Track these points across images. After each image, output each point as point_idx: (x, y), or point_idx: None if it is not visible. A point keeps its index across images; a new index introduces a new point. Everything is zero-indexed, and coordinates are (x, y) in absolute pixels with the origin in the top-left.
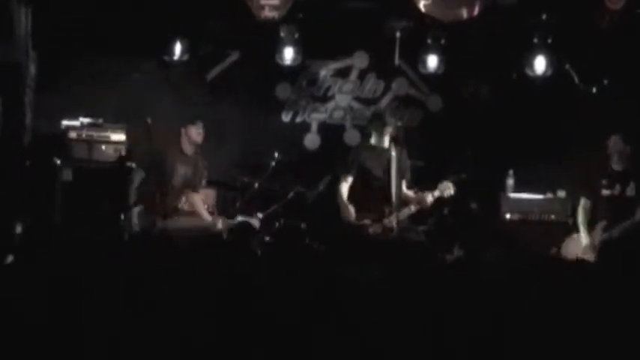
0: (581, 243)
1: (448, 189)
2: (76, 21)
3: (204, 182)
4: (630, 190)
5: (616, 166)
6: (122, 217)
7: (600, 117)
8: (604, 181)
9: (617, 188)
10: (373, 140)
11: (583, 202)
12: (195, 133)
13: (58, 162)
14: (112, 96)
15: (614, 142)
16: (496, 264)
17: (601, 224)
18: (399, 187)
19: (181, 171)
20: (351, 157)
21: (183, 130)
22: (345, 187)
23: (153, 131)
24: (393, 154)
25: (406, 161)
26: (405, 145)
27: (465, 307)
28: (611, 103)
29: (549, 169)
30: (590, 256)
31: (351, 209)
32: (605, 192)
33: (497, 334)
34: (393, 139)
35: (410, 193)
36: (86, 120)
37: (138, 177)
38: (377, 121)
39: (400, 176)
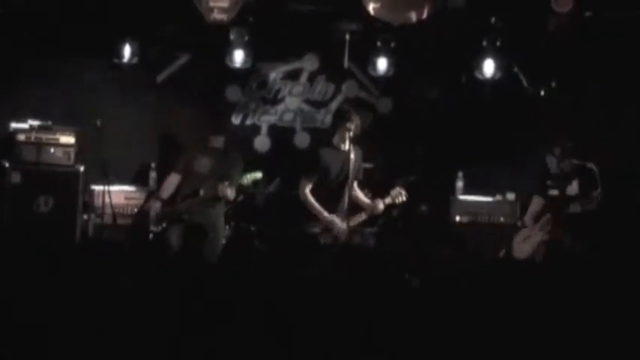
0: (524, 232)
1: (400, 195)
2: (25, 22)
3: None
4: (572, 190)
5: (561, 165)
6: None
7: (549, 120)
8: (549, 182)
9: (561, 188)
10: (335, 140)
11: (536, 200)
12: None
13: (7, 164)
14: (61, 98)
15: (559, 151)
16: (447, 265)
17: (545, 219)
18: (352, 189)
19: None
20: (314, 158)
21: None
22: (308, 190)
23: (102, 134)
24: (352, 156)
25: (361, 162)
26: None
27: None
28: (560, 105)
29: (498, 171)
30: (533, 250)
31: (321, 208)
32: (551, 192)
33: (444, 333)
34: (353, 140)
35: (362, 196)
36: (35, 122)
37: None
38: (341, 120)
39: (354, 177)
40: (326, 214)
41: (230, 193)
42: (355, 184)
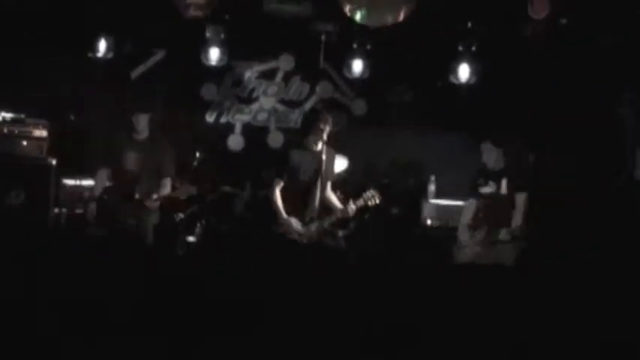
0: (460, 240)
1: (372, 198)
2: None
3: None
4: (503, 188)
5: (488, 164)
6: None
7: (520, 128)
8: (480, 180)
9: (493, 186)
10: (307, 141)
11: (469, 202)
12: None
13: None
14: (34, 92)
15: (486, 149)
16: (417, 268)
17: (483, 230)
18: (324, 191)
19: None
20: (285, 158)
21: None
22: (277, 190)
23: (75, 128)
24: (324, 157)
25: (334, 164)
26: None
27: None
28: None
29: (470, 175)
30: (470, 254)
31: (281, 209)
32: (483, 190)
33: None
34: (326, 142)
35: (334, 199)
36: (8, 115)
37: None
38: (314, 121)
39: (327, 179)
40: (284, 215)
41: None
42: (329, 186)
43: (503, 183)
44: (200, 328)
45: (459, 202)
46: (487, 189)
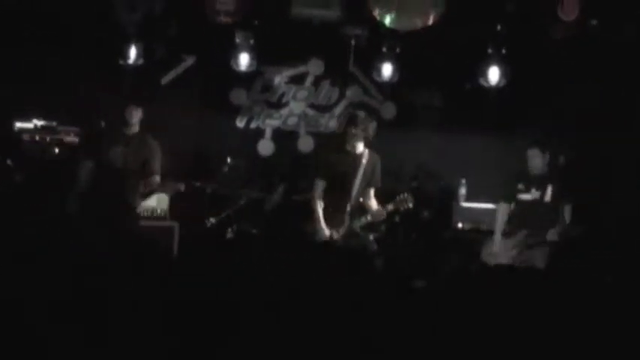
0: (494, 247)
1: (405, 202)
2: (30, 22)
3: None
4: (547, 196)
5: (534, 170)
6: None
7: (550, 130)
8: (520, 185)
9: (535, 192)
10: (347, 144)
11: (501, 207)
12: None
13: (10, 163)
14: (65, 99)
15: (533, 154)
16: (454, 272)
17: (522, 233)
18: (360, 194)
19: None
20: (322, 161)
21: None
22: (318, 194)
23: (106, 135)
24: (364, 161)
25: (377, 168)
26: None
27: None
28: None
29: (501, 178)
30: (503, 260)
31: (321, 217)
32: (523, 196)
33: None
34: (367, 145)
35: (374, 204)
36: (40, 122)
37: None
38: (351, 124)
39: (366, 183)
40: (322, 224)
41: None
42: (371, 192)
43: (549, 190)
44: (221, 330)
45: (490, 205)
46: (528, 196)
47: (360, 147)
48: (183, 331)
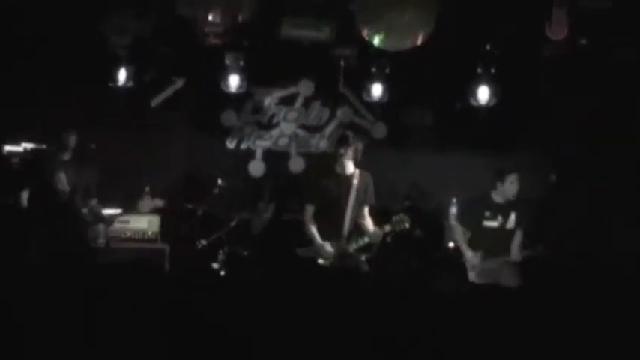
0: (472, 261)
1: (401, 222)
2: (21, 45)
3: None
4: (510, 223)
5: (497, 198)
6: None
7: (541, 149)
8: (487, 213)
9: (500, 220)
10: (337, 166)
11: (458, 229)
12: None
13: None
14: (55, 122)
15: (512, 180)
16: (446, 291)
17: (471, 263)
18: (354, 214)
19: None
20: (313, 183)
21: None
22: (310, 215)
23: (97, 157)
24: (355, 182)
25: (370, 188)
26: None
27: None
28: (555, 133)
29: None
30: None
31: (316, 233)
32: (488, 223)
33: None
34: (357, 165)
35: (370, 224)
36: (29, 145)
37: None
38: (342, 145)
39: (360, 203)
40: (319, 240)
41: None
42: (366, 211)
43: (512, 217)
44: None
45: None
46: (494, 223)
47: (351, 168)
48: (174, 351)
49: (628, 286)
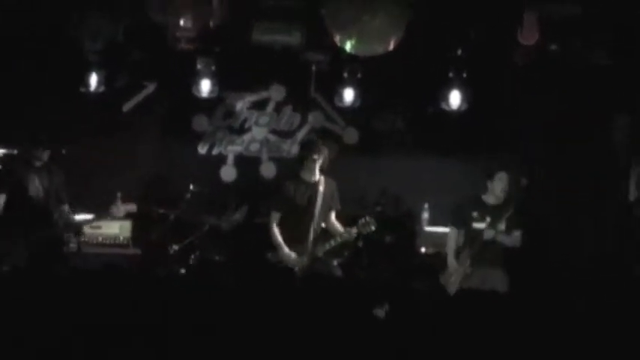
0: (450, 271)
1: (367, 225)
2: None
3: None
4: (500, 226)
5: (488, 199)
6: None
7: (512, 153)
8: (475, 214)
9: (488, 221)
10: (302, 172)
11: (452, 232)
12: None
13: None
14: (27, 127)
15: (499, 179)
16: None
17: (466, 254)
18: (322, 220)
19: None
20: (280, 189)
21: None
22: (275, 222)
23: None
24: (321, 187)
25: (335, 193)
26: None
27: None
28: (527, 137)
29: (464, 202)
30: (456, 284)
31: (282, 242)
32: (476, 225)
33: None
34: (322, 171)
35: (338, 226)
36: (0, 150)
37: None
38: (308, 152)
39: (327, 208)
40: (285, 249)
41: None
42: (333, 215)
43: (503, 220)
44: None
45: None
46: (481, 224)
47: (317, 174)
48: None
49: (598, 285)
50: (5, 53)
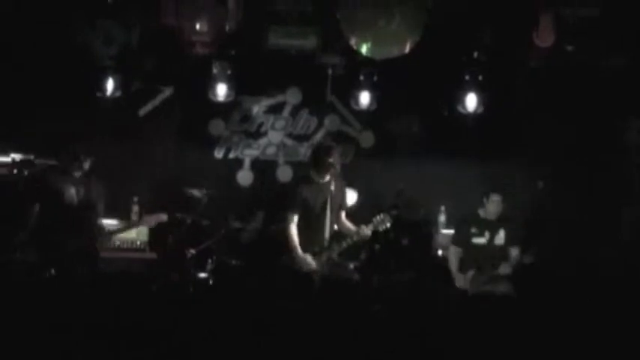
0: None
1: (383, 222)
2: (7, 55)
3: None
4: (499, 239)
5: (483, 214)
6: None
7: (528, 156)
8: (473, 229)
9: (487, 236)
10: (314, 174)
11: (452, 249)
12: None
13: None
14: (43, 133)
15: (494, 201)
16: (435, 299)
17: (470, 273)
18: (335, 222)
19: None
20: (294, 192)
21: None
22: (293, 228)
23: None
24: (332, 188)
25: (345, 194)
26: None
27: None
28: (542, 139)
29: (480, 206)
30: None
31: (297, 245)
32: (476, 240)
33: None
34: (335, 173)
35: (350, 225)
36: (17, 156)
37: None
38: (320, 154)
39: (338, 209)
40: (300, 252)
41: None
42: (343, 215)
43: (501, 234)
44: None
45: None
46: (481, 240)
47: (328, 175)
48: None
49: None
50: (20, 59)
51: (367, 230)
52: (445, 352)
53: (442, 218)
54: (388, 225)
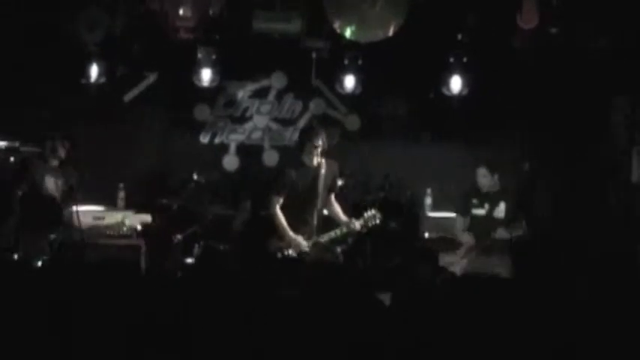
0: (460, 251)
1: (373, 218)
2: None
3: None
4: (499, 212)
5: (482, 189)
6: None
7: (514, 137)
8: (474, 200)
9: (487, 208)
10: (303, 158)
11: (458, 219)
12: None
13: None
14: (28, 119)
15: (480, 174)
16: (426, 281)
17: (468, 242)
18: (324, 205)
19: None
20: (282, 175)
21: None
22: (279, 210)
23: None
24: (323, 171)
25: (336, 176)
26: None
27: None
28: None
29: (466, 187)
30: (457, 269)
31: (287, 226)
32: (476, 211)
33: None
34: (323, 155)
35: (339, 210)
36: (2, 143)
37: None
38: (307, 138)
39: (328, 192)
40: (291, 233)
41: None
42: (332, 198)
43: (502, 206)
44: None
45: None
46: (481, 211)
47: (318, 158)
48: (148, 349)
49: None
50: (5, 47)
51: (357, 224)
52: (434, 337)
53: (429, 200)
54: (378, 222)
